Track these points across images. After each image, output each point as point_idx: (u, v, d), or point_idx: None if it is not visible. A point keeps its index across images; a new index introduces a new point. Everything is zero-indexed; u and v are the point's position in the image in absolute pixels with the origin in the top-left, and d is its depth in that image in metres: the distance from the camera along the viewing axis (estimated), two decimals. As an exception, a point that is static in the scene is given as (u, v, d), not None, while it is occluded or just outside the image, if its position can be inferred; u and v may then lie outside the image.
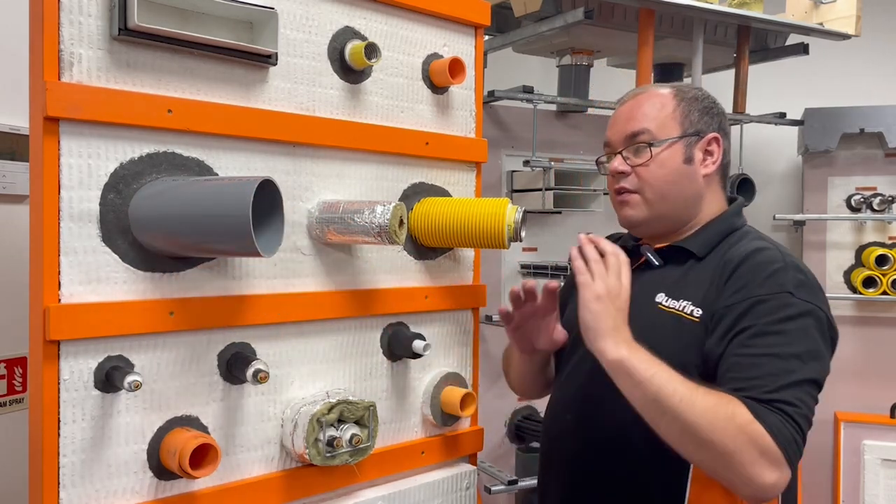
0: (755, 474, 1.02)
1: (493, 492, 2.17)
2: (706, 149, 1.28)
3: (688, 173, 1.26)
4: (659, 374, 1.06)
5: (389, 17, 1.39)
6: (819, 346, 1.12)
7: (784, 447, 1.02)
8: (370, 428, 1.27)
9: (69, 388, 1.03)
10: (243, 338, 1.20)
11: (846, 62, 3.10)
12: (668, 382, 1.05)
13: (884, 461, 2.75)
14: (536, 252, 2.56)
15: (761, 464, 1.01)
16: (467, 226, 1.35)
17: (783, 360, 1.08)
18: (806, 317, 1.12)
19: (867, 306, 2.87)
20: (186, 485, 1.14)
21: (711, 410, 1.02)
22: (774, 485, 1.03)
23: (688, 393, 1.04)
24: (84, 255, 1.04)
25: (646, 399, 1.06)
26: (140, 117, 1.07)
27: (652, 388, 1.05)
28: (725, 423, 1.02)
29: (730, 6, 2.45)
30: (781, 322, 1.11)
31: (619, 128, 1.30)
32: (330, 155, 1.31)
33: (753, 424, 1.02)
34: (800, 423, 1.04)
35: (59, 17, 1.01)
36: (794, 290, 1.13)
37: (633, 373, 1.07)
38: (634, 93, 1.33)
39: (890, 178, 2.88)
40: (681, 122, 1.27)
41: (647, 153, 1.25)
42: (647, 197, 1.26)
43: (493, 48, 2.53)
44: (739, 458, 1.01)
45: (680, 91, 1.30)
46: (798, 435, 1.04)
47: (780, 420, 1.03)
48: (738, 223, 1.29)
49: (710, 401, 1.04)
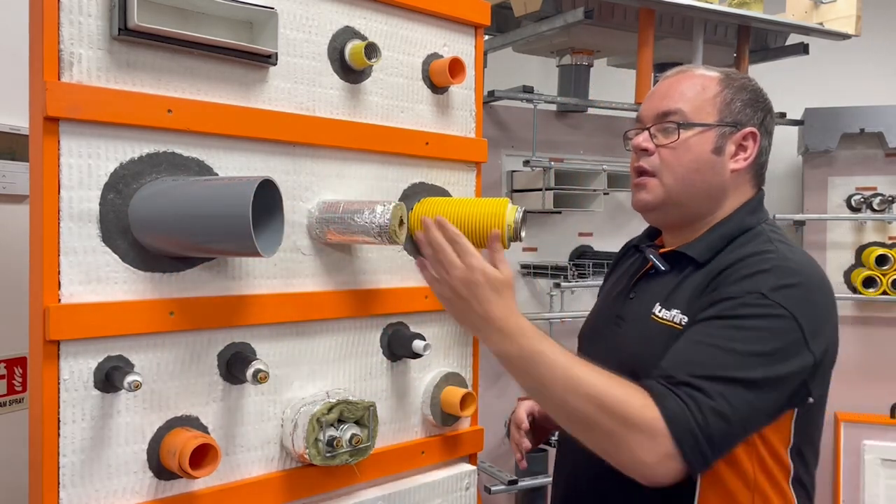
0: (633, 454, 0.95)
1: (493, 492, 2.17)
2: (741, 142, 1.17)
3: (714, 164, 1.16)
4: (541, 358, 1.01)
5: (389, 17, 1.39)
6: (774, 351, 1.01)
7: (677, 437, 0.94)
8: (370, 428, 1.27)
9: (69, 388, 1.02)
10: (243, 338, 1.20)
11: (846, 62, 3.10)
12: (548, 370, 1.00)
13: (884, 461, 2.76)
14: (536, 252, 2.56)
15: (640, 443, 0.95)
16: (467, 226, 1.35)
17: (721, 353, 1.00)
18: (771, 319, 1.01)
19: (867, 306, 2.87)
20: (186, 485, 1.14)
21: (597, 394, 0.97)
22: (651, 466, 0.95)
23: (571, 378, 0.99)
24: (84, 255, 1.04)
25: (532, 386, 1.03)
26: (140, 117, 1.07)
27: (533, 376, 1.02)
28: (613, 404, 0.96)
29: (730, 6, 2.45)
30: (738, 318, 1.02)
31: (652, 104, 1.21)
32: (330, 155, 1.31)
33: (645, 410, 0.95)
34: (707, 417, 0.95)
35: (59, 17, 1.01)
36: (768, 293, 1.02)
37: (510, 362, 1.04)
38: (679, 69, 1.23)
39: (890, 178, 2.88)
40: (720, 108, 1.17)
41: (675, 134, 1.16)
42: (664, 181, 1.17)
43: (493, 48, 2.53)
44: (618, 439, 0.96)
45: (728, 77, 1.20)
46: (699, 429, 0.95)
47: (684, 409, 0.95)
48: (750, 222, 1.17)
49: (597, 383, 0.98)
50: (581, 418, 0.99)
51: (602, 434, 0.98)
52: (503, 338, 1.04)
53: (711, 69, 1.22)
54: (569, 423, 1.03)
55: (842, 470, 2.83)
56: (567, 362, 1.01)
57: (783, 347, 1.01)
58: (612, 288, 1.37)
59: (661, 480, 0.97)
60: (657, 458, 0.95)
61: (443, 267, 1.08)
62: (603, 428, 0.97)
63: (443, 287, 1.09)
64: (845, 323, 2.87)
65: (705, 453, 0.96)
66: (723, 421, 0.96)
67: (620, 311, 1.25)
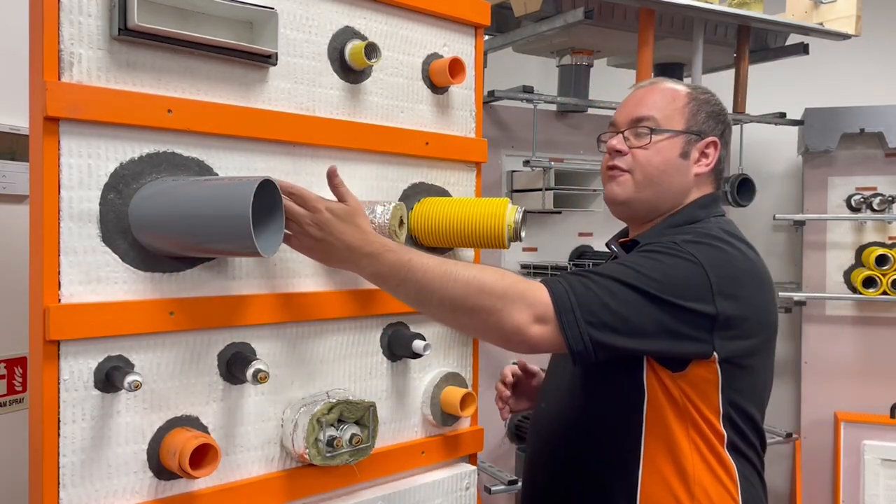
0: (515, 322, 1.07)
1: (493, 492, 2.17)
2: (703, 150, 1.31)
3: (680, 167, 1.29)
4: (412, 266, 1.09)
5: (389, 17, 1.39)
6: (676, 284, 1.11)
7: (556, 303, 1.07)
8: (370, 428, 1.27)
9: (69, 388, 1.02)
10: (243, 338, 1.20)
11: (846, 62, 3.10)
12: (423, 276, 1.09)
13: (884, 461, 2.76)
14: (536, 252, 2.56)
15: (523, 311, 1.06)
16: (467, 226, 1.35)
17: (616, 266, 1.14)
18: (679, 260, 1.13)
19: (867, 306, 2.87)
20: (186, 485, 1.14)
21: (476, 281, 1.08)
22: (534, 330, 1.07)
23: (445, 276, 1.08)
24: (84, 255, 1.04)
25: (412, 294, 1.11)
26: (140, 117, 1.07)
27: (410, 289, 1.10)
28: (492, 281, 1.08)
29: (730, 6, 2.45)
30: (648, 253, 1.16)
31: (627, 110, 1.34)
32: (330, 155, 1.31)
33: (523, 282, 1.08)
34: (590, 296, 1.08)
35: (59, 17, 1.01)
36: (680, 243, 1.15)
37: (385, 280, 1.12)
38: (651, 81, 1.38)
39: (890, 178, 2.88)
40: (687, 118, 1.30)
41: (647, 138, 1.29)
42: (636, 178, 1.29)
43: (493, 48, 2.53)
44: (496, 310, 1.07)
45: (694, 90, 1.34)
46: (577, 303, 1.07)
47: (568, 288, 1.08)
48: (699, 215, 1.29)
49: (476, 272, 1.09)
50: (463, 304, 1.08)
51: (483, 313, 1.08)
52: (371, 260, 1.11)
53: (679, 83, 1.36)
54: (454, 314, 1.12)
55: (842, 470, 2.83)
56: (438, 261, 1.11)
57: (683, 285, 1.12)
58: None
59: (536, 343, 1.08)
60: (530, 319, 1.07)
61: (293, 221, 1.12)
62: (482, 307, 1.07)
63: (301, 239, 1.14)
64: (845, 323, 2.91)
65: (581, 330, 1.08)
66: (603, 307, 1.08)
67: None
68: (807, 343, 2.97)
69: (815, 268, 2.95)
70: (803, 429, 2.96)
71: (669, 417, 1.20)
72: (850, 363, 2.91)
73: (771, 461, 3.36)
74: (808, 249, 2.96)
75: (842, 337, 2.93)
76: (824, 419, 2.91)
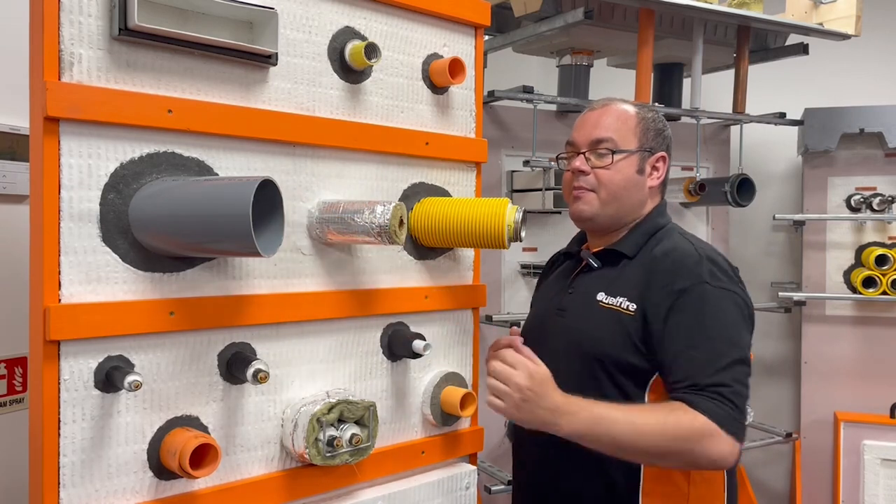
0: (709, 456, 1.19)
1: (493, 492, 2.17)
2: (654, 164, 1.44)
3: (638, 182, 1.42)
4: (602, 424, 1.19)
5: (389, 17, 1.39)
6: (739, 327, 1.28)
7: (723, 425, 1.18)
8: (370, 428, 1.27)
9: (69, 388, 1.03)
10: (243, 338, 1.20)
11: (846, 62, 3.10)
12: (613, 426, 1.19)
13: (884, 461, 2.75)
14: (536, 252, 2.56)
15: (710, 445, 1.18)
16: (467, 226, 1.35)
17: (712, 345, 1.25)
18: (722, 301, 1.28)
19: (867, 306, 2.87)
20: (186, 485, 1.14)
21: (660, 432, 1.19)
22: (726, 457, 1.20)
23: (634, 429, 1.19)
24: (84, 255, 1.04)
25: (606, 449, 1.21)
26: (140, 117, 1.07)
27: (605, 443, 1.20)
28: (674, 434, 1.18)
29: (730, 6, 2.45)
30: (704, 313, 1.27)
31: (585, 132, 1.43)
32: (330, 155, 1.31)
33: (696, 420, 1.18)
34: (734, 400, 1.21)
35: (59, 17, 1.01)
36: (709, 280, 1.29)
37: (584, 437, 1.20)
38: (603, 102, 1.47)
39: (890, 178, 2.88)
40: (639, 137, 1.42)
41: (609, 158, 1.40)
42: (601, 196, 1.40)
43: (493, 48, 2.53)
44: (694, 452, 1.19)
45: (641, 110, 1.46)
46: (734, 411, 1.20)
47: (716, 404, 1.20)
48: (662, 222, 1.44)
49: (656, 422, 1.19)
50: (655, 453, 1.21)
51: (677, 457, 1.21)
52: (571, 419, 1.20)
53: (627, 102, 1.47)
54: (647, 458, 1.26)
55: (842, 470, 2.82)
56: (624, 415, 1.20)
57: (741, 318, 1.29)
58: (546, 291, 1.59)
59: (733, 464, 1.23)
60: (728, 451, 1.19)
61: (506, 384, 1.21)
62: (675, 453, 1.20)
63: (510, 400, 1.21)
64: (845, 323, 2.91)
65: (744, 425, 1.23)
66: (742, 398, 1.23)
67: (561, 304, 1.45)
68: (807, 343, 2.97)
69: (814, 268, 2.95)
70: (803, 429, 2.96)
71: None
72: (849, 363, 2.91)
73: (771, 461, 3.37)
74: (808, 249, 2.96)
75: (842, 337, 2.93)
76: (824, 419, 2.91)
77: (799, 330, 3.01)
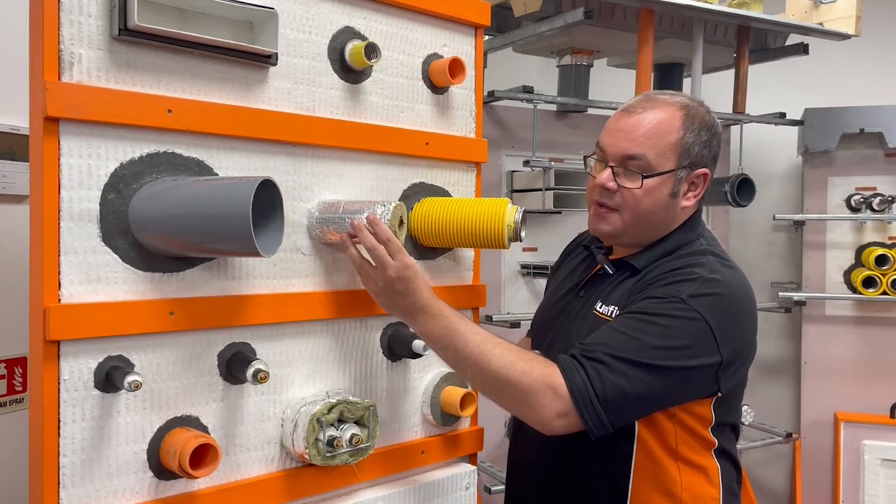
0: (541, 417, 1.14)
1: (493, 492, 2.17)
2: (693, 181, 1.28)
3: (669, 205, 1.28)
4: (456, 337, 1.18)
5: (389, 17, 1.39)
6: (681, 347, 1.15)
7: (577, 403, 1.12)
8: (370, 428, 1.27)
9: (69, 388, 1.02)
10: (243, 338, 1.20)
11: (846, 62, 3.10)
12: (464, 346, 1.18)
13: (884, 461, 2.75)
14: (536, 252, 2.56)
15: (548, 409, 1.13)
16: (467, 226, 1.35)
17: (627, 338, 1.15)
18: (684, 321, 1.16)
19: (867, 306, 2.87)
20: (186, 485, 1.14)
21: (507, 366, 1.15)
22: (558, 423, 1.14)
23: (484, 352, 1.16)
24: (84, 255, 1.04)
25: (449, 361, 1.22)
26: (140, 117, 1.07)
27: (450, 353, 1.20)
28: (521, 374, 1.14)
29: (730, 6, 2.45)
30: (653, 315, 1.17)
31: (618, 143, 1.27)
32: (330, 155, 1.31)
33: (553, 376, 1.14)
34: (606, 387, 1.12)
35: (59, 17, 1.01)
36: (686, 298, 1.17)
37: (433, 340, 1.21)
38: (645, 102, 1.29)
39: (890, 178, 2.88)
40: (679, 153, 1.25)
41: (639, 181, 1.24)
42: (624, 218, 1.28)
43: (493, 48, 2.53)
44: (519, 398, 1.15)
45: (689, 115, 1.26)
46: (597, 396, 1.12)
47: (587, 381, 1.12)
48: (688, 237, 1.30)
49: (505, 357, 1.16)
50: (492, 386, 1.18)
51: (511, 398, 1.16)
52: (428, 319, 1.20)
53: (673, 104, 1.27)
54: (483, 389, 1.22)
55: (842, 470, 2.82)
56: (480, 338, 1.19)
57: (692, 344, 1.16)
58: (562, 283, 1.48)
59: (560, 433, 1.16)
60: (554, 415, 1.13)
61: (378, 266, 1.20)
62: (511, 394, 1.16)
63: (375, 282, 1.22)
64: (845, 323, 2.91)
65: (602, 420, 1.13)
66: (621, 395, 1.13)
67: (568, 307, 1.40)
68: (807, 343, 2.97)
69: (814, 268, 2.95)
70: (803, 429, 2.96)
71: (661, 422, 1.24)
72: (850, 363, 2.91)
73: (771, 461, 3.37)
74: (808, 249, 2.96)
75: (842, 337, 2.93)
76: (824, 419, 2.91)
77: (799, 330, 3.01)
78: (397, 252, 1.20)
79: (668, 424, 1.24)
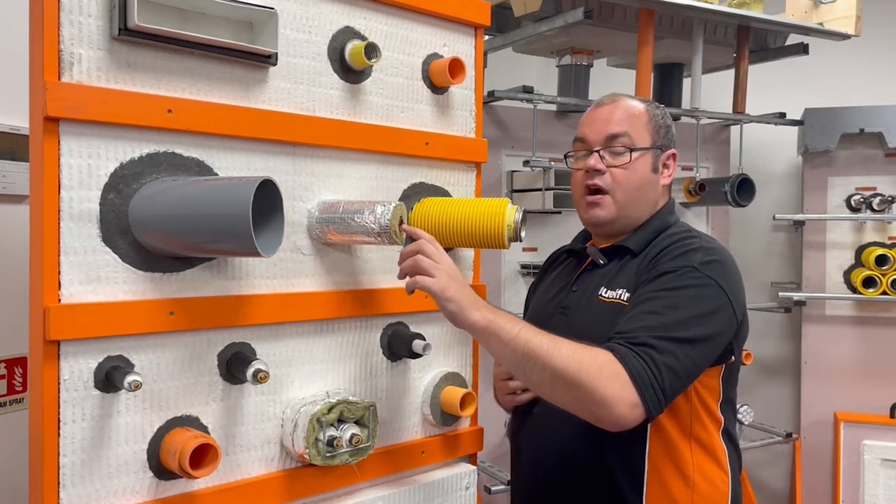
0: (612, 406, 1.12)
1: (493, 492, 2.17)
2: (665, 162, 1.40)
3: (653, 181, 1.38)
4: (524, 331, 1.15)
5: (389, 17, 1.39)
6: (707, 313, 1.21)
7: (641, 390, 1.12)
8: (370, 428, 1.27)
9: (69, 388, 1.03)
10: (243, 338, 1.20)
11: (846, 62, 3.10)
12: (534, 337, 1.15)
13: (884, 461, 2.75)
14: (536, 252, 2.56)
15: (619, 397, 1.11)
16: (467, 226, 1.35)
17: (662, 317, 1.19)
18: (703, 288, 1.22)
19: (867, 306, 2.87)
20: (186, 485, 1.14)
21: (575, 355, 1.13)
22: (626, 416, 1.12)
23: (552, 344, 1.14)
24: (84, 255, 1.04)
25: (516, 354, 1.15)
26: (140, 117, 1.07)
27: (520, 343, 1.14)
28: (589, 363, 1.12)
29: (730, 6, 2.45)
30: (676, 289, 1.22)
31: (598, 127, 1.37)
32: (330, 155, 1.31)
33: (614, 364, 1.13)
34: (662, 371, 1.14)
35: (59, 17, 1.01)
36: (698, 266, 1.24)
37: (500, 333, 1.15)
38: (612, 97, 1.41)
39: (890, 178, 2.88)
40: (651, 134, 1.37)
41: (627, 156, 1.34)
42: (617, 198, 1.35)
43: (493, 48, 2.53)
44: (602, 393, 1.11)
45: (650, 106, 1.40)
46: (656, 379, 1.13)
47: (644, 366, 1.13)
48: (670, 220, 1.39)
49: (573, 348, 1.14)
50: (562, 378, 1.13)
51: (581, 392, 1.13)
52: (490, 311, 1.17)
53: (635, 98, 1.42)
54: (552, 384, 1.15)
55: (842, 470, 2.82)
56: (544, 332, 1.16)
57: (715, 309, 1.22)
58: (548, 289, 1.52)
59: (629, 425, 1.15)
60: (627, 407, 1.12)
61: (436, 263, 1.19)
62: (580, 388, 1.12)
63: (440, 274, 1.18)
64: (845, 323, 2.91)
65: (661, 401, 1.15)
66: (673, 374, 1.16)
67: (565, 303, 1.41)
68: (807, 343, 2.97)
69: (814, 268, 2.95)
70: (803, 429, 2.96)
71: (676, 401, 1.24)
72: (849, 363, 2.91)
73: (771, 461, 3.37)
74: (808, 249, 2.96)
75: (842, 337, 2.93)
76: (824, 419, 2.91)
77: (799, 330, 3.01)
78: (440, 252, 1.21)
79: (683, 401, 1.27)
